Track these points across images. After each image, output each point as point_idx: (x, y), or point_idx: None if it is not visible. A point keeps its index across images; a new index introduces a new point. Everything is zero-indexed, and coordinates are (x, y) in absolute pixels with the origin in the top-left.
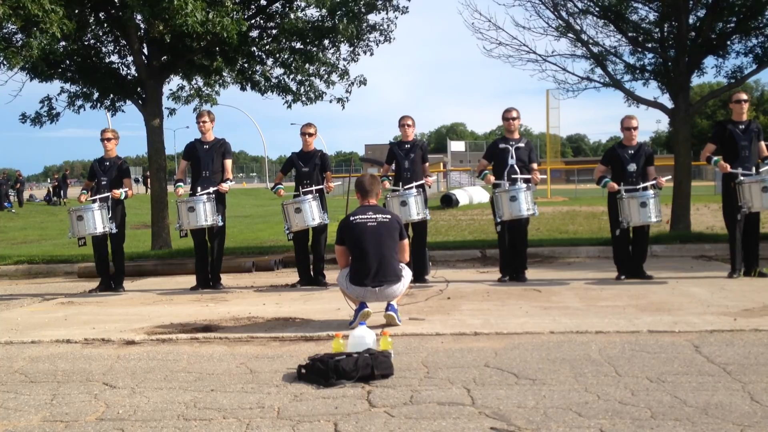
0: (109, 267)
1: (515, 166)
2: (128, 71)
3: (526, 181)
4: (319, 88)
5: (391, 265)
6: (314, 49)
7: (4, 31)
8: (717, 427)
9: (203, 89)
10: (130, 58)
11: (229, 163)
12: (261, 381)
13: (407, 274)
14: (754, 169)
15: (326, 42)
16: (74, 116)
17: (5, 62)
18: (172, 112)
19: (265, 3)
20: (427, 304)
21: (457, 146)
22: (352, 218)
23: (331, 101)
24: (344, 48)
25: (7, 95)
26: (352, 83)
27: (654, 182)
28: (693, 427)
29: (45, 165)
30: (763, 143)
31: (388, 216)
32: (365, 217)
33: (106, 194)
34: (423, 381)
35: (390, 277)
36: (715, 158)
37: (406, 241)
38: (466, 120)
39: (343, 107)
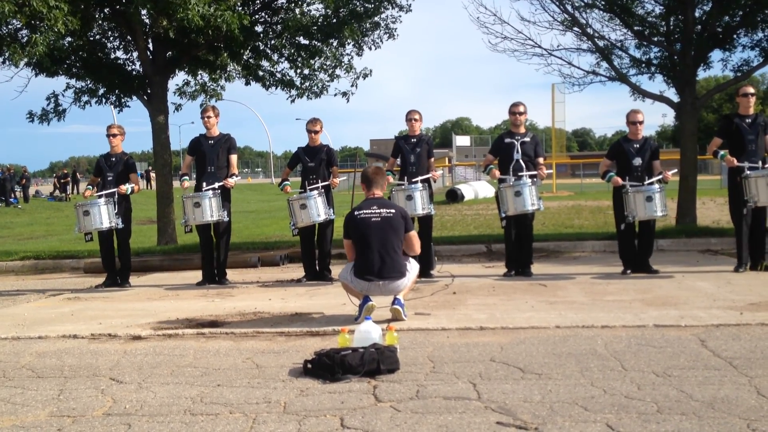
0: (116, 262)
1: (521, 161)
2: (133, 67)
3: (532, 176)
4: (323, 82)
5: (395, 260)
6: (319, 44)
7: (9, 27)
8: (723, 421)
9: (208, 84)
10: (135, 54)
11: (234, 158)
12: (267, 376)
13: (413, 268)
14: (760, 163)
15: (331, 39)
16: (80, 112)
17: (10, 59)
18: (177, 107)
19: None
20: (433, 298)
21: (462, 141)
22: (356, 213)
23: (335, 95)
24: (349, 45)
25: (13, 91)
26: (358, 77)
27: (660, 176)
28: (699, 421)
29: (51, 161)
30: None
31: (393, 210)
32: (369, 211)
33: (113, 190)
34: (429, 376)
35: (393, 273)
36: (722, 152)
37: (414, 233)
38: (471, 115)
39: (348, 100)
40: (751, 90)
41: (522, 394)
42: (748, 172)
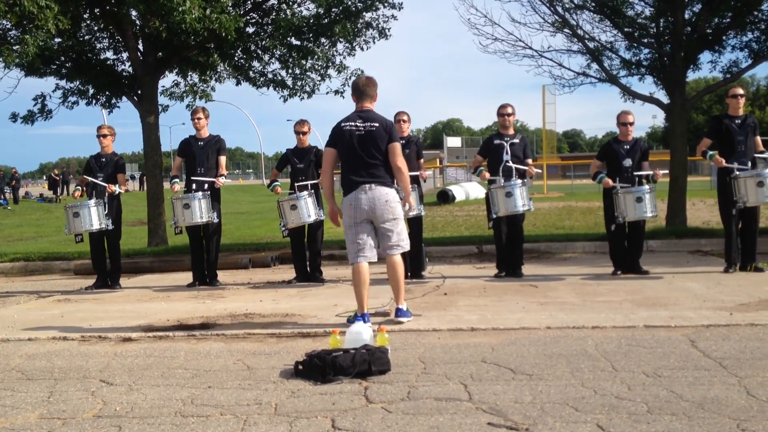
0: (106, 264)
1: (510, 162)
2: (123, 67)
3: (522, 176)
4: (315, 82)
5: (379, 169)
6: (311, 45)
7: None
8: (713, 421)
9: (198, 85)
10: (125, 55)
11: (223, 159)
12: (258, 377)
13: (397, 200)
14: (749, 163)
15: (323, 39)
16: (69, 113)
17: (0, 59)
18: (164, 108)
19: None
20: (424, 300)
21: (453, 142)
22: (343, 124)
23: (327, 93)
24: (341, 45)
25: (2, 92)
26: (349, 77)
27: (650, 172)
28: (689, 421)
29: (40, 162)
30: (759, 138)
31: (376, 123)
32: (354, 125)
33: (102, 186)
34: (420, 377)
35: (378, 179)
36: (711, 153)
37: (397, 144)
38: (463, 116)
39: (343, 97)
40: (741, 91)
41: (513, 394)
42: (737, 172)
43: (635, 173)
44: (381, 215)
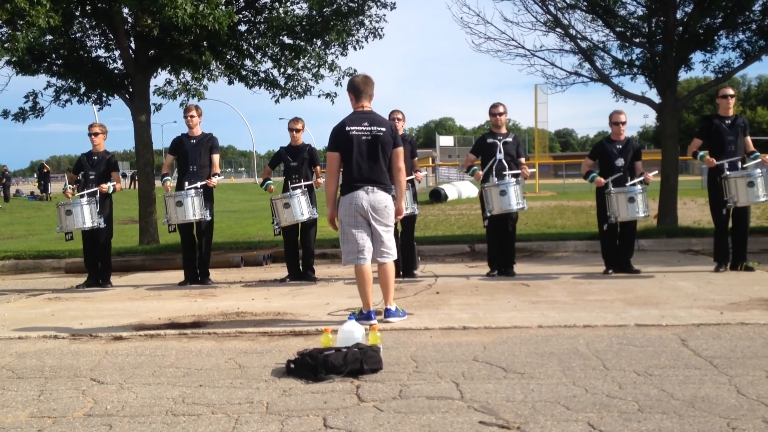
0: (98, 262)
1: (503, 161)
2: (115, 65)
3: (515, 176)
4: (307, 83)
5: (383, 173)
6: (303, 43)
7: None
8: (703, 419)
9: (191, 83)
10: (117, 52)
11: (216, 157)
12: (250, 376)
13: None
14: (739, 163)
15: (316, 39)
16: (60, 111)
17: None
18: (158, 108)
19: None
20: (416, 298)
21: (445, 141)
22: (347, 128)
23: (320, 96)
24: (334, 46)
25: None
26: (342, 77)
27: (642, 178)
28: (680, 420)
29: (31, 160)
30: (749, 138)
31: (383, 128)
32: (361, 129)
33: (95, 189)
34: (412, 375)
35: (380, 183)
36: (701, 153)
37: (400, 149)
38: (455, 115)
39: (333, 102)
40: (731, 91)
41: (504, 393)
42: (728, 172)
43: (629, 183)
44: (380, 218)
